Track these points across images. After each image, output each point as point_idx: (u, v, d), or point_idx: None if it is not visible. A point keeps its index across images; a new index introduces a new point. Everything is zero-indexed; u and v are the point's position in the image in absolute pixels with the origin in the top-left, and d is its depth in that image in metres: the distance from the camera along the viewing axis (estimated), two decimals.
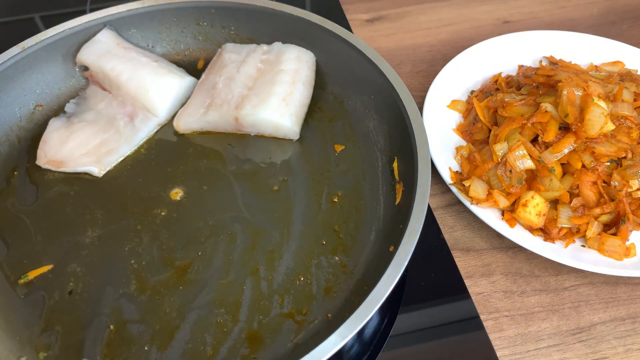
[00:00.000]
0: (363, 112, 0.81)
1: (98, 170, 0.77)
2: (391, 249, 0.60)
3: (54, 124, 0.81)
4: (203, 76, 0.86)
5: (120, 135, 0.80)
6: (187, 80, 0.85)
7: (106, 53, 0.84)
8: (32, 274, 0.67)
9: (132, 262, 0.68)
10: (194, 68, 0.92)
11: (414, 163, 0.64)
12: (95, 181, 0.77)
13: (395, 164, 0.72)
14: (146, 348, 0.60)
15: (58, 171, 0.77)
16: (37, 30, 0.84)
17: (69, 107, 0.85)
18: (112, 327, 0.62)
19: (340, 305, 0.63)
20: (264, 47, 0.86)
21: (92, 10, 0.89)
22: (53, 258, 0.68)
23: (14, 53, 0.80)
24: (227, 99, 0.80)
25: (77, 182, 0.77)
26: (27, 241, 0.70)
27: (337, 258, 0.67)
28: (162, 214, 0.72)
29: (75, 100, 0.86)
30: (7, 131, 0.81)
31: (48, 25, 0.82)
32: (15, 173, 0.78)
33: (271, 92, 0.79)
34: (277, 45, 0.86)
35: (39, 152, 0.78)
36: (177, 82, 0.84)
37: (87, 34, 0.86)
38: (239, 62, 0.84)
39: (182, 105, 0.85)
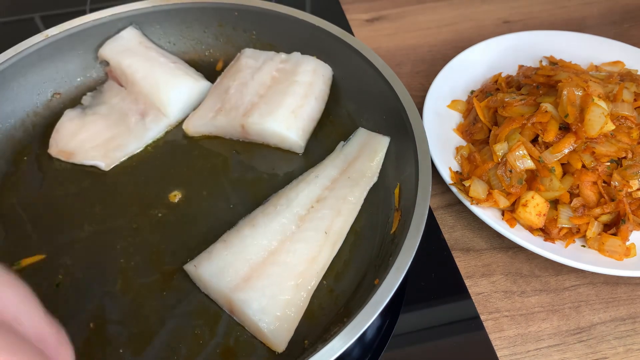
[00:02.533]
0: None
1: (105, 165, 0.77)
2: (376, 282, 0.58)
3: (69, 114, 0.82)
4: (218, 79, 0.86)
5: (130, 132, 0.80)
6: (201, 83, 0.85)
7: (127, 50, 0.85)
8: (25, 262, 0.68)
9: (122, 261, 0.68)
10: (212, 69, 0.92)
11: (415, 192, 0.62)
12: (100, 175, 0.77)
13: (397, 190, 0.70)
14: (121, 351, 0.60)
15: (66, 162, 0.78)
16: (37, 30, 0.84)
17: (85, 100, 0.86)
18: (92, 325, 0.62)
19: (318, 334, 0.61)
20: (282, 55, 0.84)
21: (92, 11, 0.89)
22: (47, 248, 0.69)
23: (37, 40, 0.81)
24: (236, 105, 0.79)
25: (83, 175, 0.77)
26: (26, 228, 0.71)
27: (325, 282, 0.66)
28: (159, 215, 0.72)
29: (92, 93, 0.87)
30: (24, 116, 0.83)
31: (48, 25, 0.82)
32: (25, 158, 0.79)
33: (281, 103, 0.78)
34: (296, 55, 0.84)
35: (51, 140, 0.80)
36: (190, 85, 0.83)
37: (110, 28, 0.87)
38: (255, 69, 0.83)
39: (195, 108, 0.84)
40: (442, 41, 1.08)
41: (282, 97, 0.78)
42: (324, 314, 0.63)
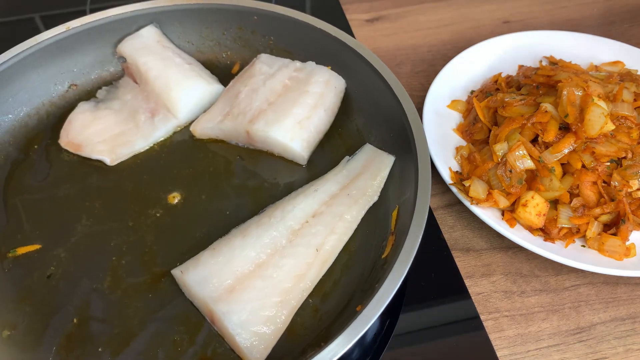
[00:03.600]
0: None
1: (110, 160, 0.78)
2: (358, 308, 0.57)
3: (82, 107, 0.83)
4: (231, 83, 0.85)
5: (139, 130, 0.80)
6: (213, 86, 0.85)
7: (144, 48, 0.85)
8: (20, 251, 0.68)
9: (114, 258, 0.68)
10: (228, 72, 0.92)
11: (411, 218, 0.60)
12: (104, 170, 0.78)
13: (395, 213, 0.68)
14: (100, 349, 0.60)
15: (74, 154, 0.79)
16: (37, 31, 0.84)
17: (100, 93, 0.87)
18: (75, 320, 0.62)
19: (295, 354, 0.60)
20: (297, 63, 0.83)
21: (92, 11, 0.89)
22: (43, 239, 0.70)
23: (58, 32, 0.83)
24: (244, 110, 0.79)
25: (88, 168, 0.78)
26: (26, 217, 0.72)
27: (311, 301, 0.64)
28: (156, 215, 0.72)
29: (108, 87, 0.88)
30: (39, 105, 0.84)
31: (48, 26, 0.82)
32: (35, 147, 0.81)
33: (289, 112, 0.77)
34: (310, 65, 0.83)
35: (62, 131, 0.81)
36: (202, 87, 0.83)
37: (131, 24, 0.88)
38: (268, 75, 0.82)
39: (205, 110, 0.84)
40: (442, 41, 1.08)
41: (291, 107, 0.77)
42: (306, 333, 0.62)
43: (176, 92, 0.81)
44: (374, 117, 0.80)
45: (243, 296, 0.61)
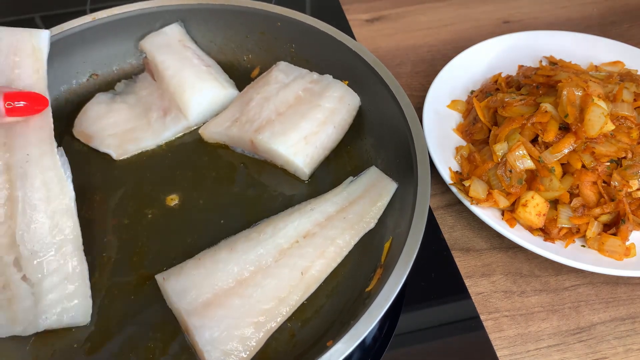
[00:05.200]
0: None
1: (117, 155, 0.79)
2: (329, 343, 0.55)
3: (99, 98, 0.84)
4: (245, 89, 0.84)
5: (149, 127, 0.81)
6: (228, 91, 0.84)
7: (165, 46, 0.86)
8: None
9: (104, 255, 0.68)
10: (248, 75, 0.91)
11: (399, 254, 0.57)
12: (109, 164, 0.78)
13: (387, 244, 0.66)
14: (75, 346, 0.60)
15: (85, 144, 0.80)
16: None
17: (118, 86, 0.88)
18: None
19: None
20: (314, 75, 0.82)
21: (92, 11, 0.89)
22: None
23: (84, 21, 0.84)
24: (253, 118, 0.77)
25: (95, 160, 0.79)
26: None
27: (289, 325, 0.62)
28: (152, 216, 0.72)
29: (126, 81, 0.89)
30: (59, 92, 0.86)
31: (48, 26, 0.82)
32: None
33: (297, 125, 0.75)
34: (327, 78, 0.81)
35: (77, 120, 0.82)
36: (215, 91, 0.83)
37: (156, 19, 0.89)
38: (283, 84, 0.80)
39: (217, 114, 0.84)
40: (442, 41, 1.08)
41: (299, 120, 0.76)
42: (278, 358, 0.60)
43: (189, 94, 0.81)
44: (383, 139, 0.77)
45: (218, 312, 0.59)
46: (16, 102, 0.62)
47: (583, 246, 0.70)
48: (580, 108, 0.70)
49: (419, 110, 0.79)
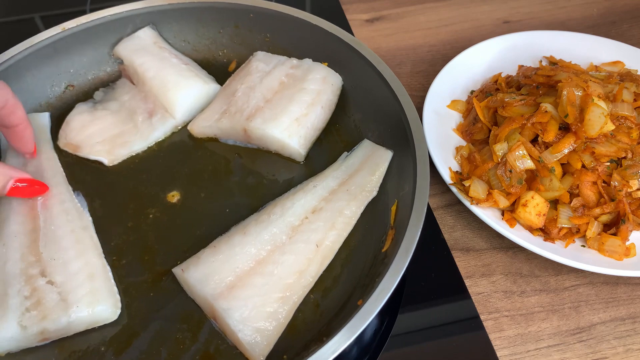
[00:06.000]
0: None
1: (108, 161, 0.78)
2: (359, 302, 0.57)
3: (80, 108, 0.83)
4: (227, 81, 0.85)
5: (137, 130, 0.80)
6: (210, 86, 0.84)
7: (141, 49, 0.86)
8: None
9: (114, 258, 0.68)
10: (225, 70, 0.92)
11: (410, 212, 0.60)
12: (102, 171, 0.78)
13: (394, 207, 0.68)
14: (102, 349, 0.60)
15: (73, 154, 0.79)
16: (37, 31, 0.84)
17: (97, 95, 0.87)
18: None
19: (297, 350, 0.60)
20: (294, 61, 0.83)
21: (92, 10, 0.89)
22: None
23: (54, 33, 0.83)
24: (242, 108, 0.78)
25: (87, 169, 0.78)
26: None
27: (312, 296, 0.64)
28: (155, 215, 0.72)
29: (105, 89, 0.88)
30: (36, 106, 0.84)
31: (48, 26, 0.82)
32: None
33: (286, 109, 0.76)
34: (307, 62, 0.83)
35: (61, 132, 0.81)
36: (199, 87, 0.83)
37: (127, 24, 0.88)
38: (264, 73, 0.82)
39: (203, 110, 0.84)
40: (442, 41, 1.08)
41: (288, 104, 0.77)
42: (307, 329, 0.62)
43: (173, 92, 0.81)
44: (371, 112, 0.80)
45: (244, 293, 0.61)
46: (19, 183, 0.65)
47: (583, 246, 0.70)
48: (580, 108, 0.70)
49: (419, 110, 0.79)
